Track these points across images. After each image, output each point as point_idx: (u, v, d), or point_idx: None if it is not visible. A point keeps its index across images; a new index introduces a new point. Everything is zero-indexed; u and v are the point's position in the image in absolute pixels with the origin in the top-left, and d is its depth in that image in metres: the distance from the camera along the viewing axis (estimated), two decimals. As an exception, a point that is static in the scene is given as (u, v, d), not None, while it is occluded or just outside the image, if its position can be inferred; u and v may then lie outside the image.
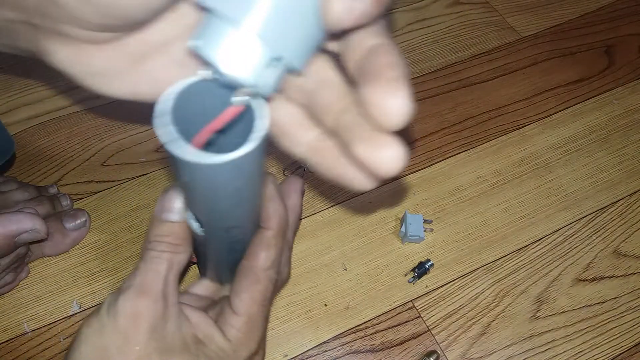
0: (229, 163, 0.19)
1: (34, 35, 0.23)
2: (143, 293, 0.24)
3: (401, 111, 0.17)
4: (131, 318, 0.24)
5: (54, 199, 0.46)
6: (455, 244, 0.46)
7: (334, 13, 0.16)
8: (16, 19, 0.22)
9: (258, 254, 0.28)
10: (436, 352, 0.41)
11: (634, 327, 0.42)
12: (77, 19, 0.20)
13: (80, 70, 0.23)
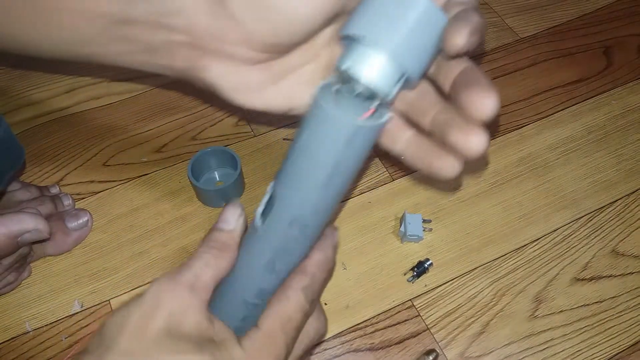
0: (369, 128, 0.23)
1: (193, 56, 0.29)
2: (172, 280, 0.25)
3: (492, 106, 0.23)
4: (154, 299, 0.25)
5: (56, 199, 0.46)
6: (454, 244, 0.46)
7: (456, 44, 0.22)
8: (183, 41, 0.28)
9: (295, 275, 0.28)
10: (435, 351, 0.41)
11: (632, 326, 0.43)
12: (251, 40, 0.26)
13: (228, 86, 0.29)
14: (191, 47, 0.28)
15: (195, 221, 0.47)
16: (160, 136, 0.53)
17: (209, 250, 0.27)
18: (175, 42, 0.28)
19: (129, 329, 0.24)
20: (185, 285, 0.25)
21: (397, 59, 0.22)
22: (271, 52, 0.28)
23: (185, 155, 0.52)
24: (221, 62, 0.29)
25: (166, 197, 0.49)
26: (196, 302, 0.25)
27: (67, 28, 0.30)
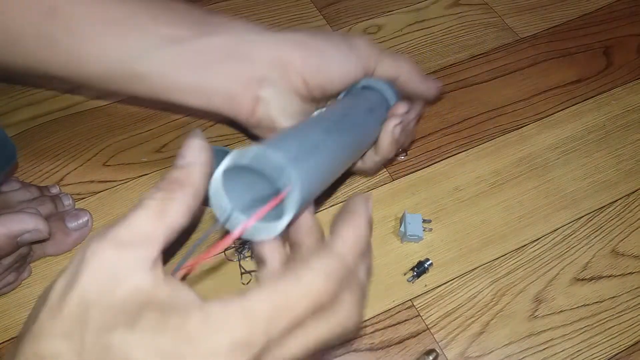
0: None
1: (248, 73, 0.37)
2: (100, 239, 0.20)
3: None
4: (76, 265, 0.20)
5: (56, 199, 0.46)
6: (454, 244, 0.46)
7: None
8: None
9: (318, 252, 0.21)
10: (435, 351, 0.41)
11: (632, 326, 0.43)
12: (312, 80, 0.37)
13: (277, 106, 0.37)
14: (259, 63, 0.36)
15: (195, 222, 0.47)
16: (160, 136, 0.53)
17: (153, 194, 0.21)
18: (247, 56, 0.36)
19: (49, 303, 0.20)
20: (114, 242, 0.20)
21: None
22: (314, 93, 0.38)
23: (185, 155, 0.52)
24: (279, 84, 0.36)
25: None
26: (132, 260, 0.20)
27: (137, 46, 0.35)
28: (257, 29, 0.37)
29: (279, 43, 0.36)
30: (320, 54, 0.36)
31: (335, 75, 0.37)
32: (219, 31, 0.36)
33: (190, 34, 0.35)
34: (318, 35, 0.38)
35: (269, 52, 0.36)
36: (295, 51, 0.36)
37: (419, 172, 0.51)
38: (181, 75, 0.36)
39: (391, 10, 0.64)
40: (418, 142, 0.53)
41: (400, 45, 0.61)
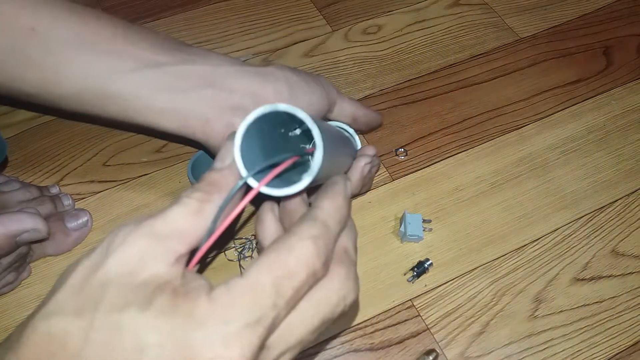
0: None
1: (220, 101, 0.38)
2: (135, 226, 0.21)
3: None
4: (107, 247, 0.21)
5: (55, 199, 0.46)
6: (454, 244, 0.46)
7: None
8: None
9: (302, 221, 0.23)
10: (435, 351, 0.41)
11: (632, 326, 0.43)
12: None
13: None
14: (230, 92, 0.38)
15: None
16: (160, 136, 0.53)
17: (192, 192, 0.23)
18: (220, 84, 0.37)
19: (71, 282, 0.21)
20: (148, 232, 0.21)
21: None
22: None
23: (185, 155, 0.52)
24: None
25: (166, 197, 0.49)
26: (160, 251, 0.21)
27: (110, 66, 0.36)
28: (233, 61, 0.39)
29: (252, 76, 0.38)
30: (289, 86, 0.39)
31: (304, 105, 0.39)
32: (198, 60, 0.38)
33: (169, 60, 0.37)
34: (287, 69, 0.40)
35: (243, 83, 0.38)
36: (267, 83, 0.38)
37: (419, 172, 0.51)
38: (157, 98, 0.37)
39: (391, 10, 0.64)
40: (418, 142, 0.53)
41: (400, 45, 0.61)
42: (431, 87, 0.57)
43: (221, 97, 0.37)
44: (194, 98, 0.37)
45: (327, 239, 0.23)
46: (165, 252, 0.21)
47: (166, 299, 0.20)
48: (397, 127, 0.54)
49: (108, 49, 0.36)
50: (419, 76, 0.58)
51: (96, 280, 0.20)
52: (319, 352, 0.41)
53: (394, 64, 0.59)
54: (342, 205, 0.25)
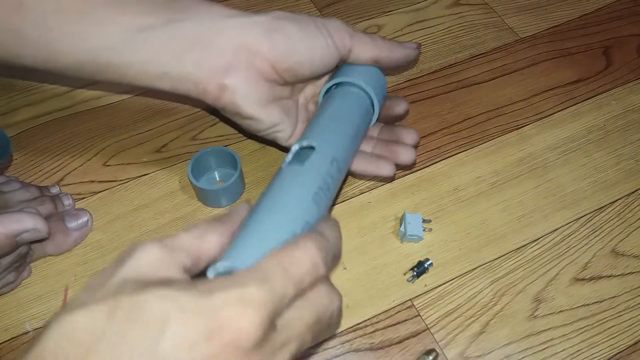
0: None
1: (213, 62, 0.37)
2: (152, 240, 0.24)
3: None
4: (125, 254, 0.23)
5: (56, 199, 0.46)
6: (454, 243, 0.46)
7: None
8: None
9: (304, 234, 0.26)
10: (435, 351, 0.41)
11: (632, 326, 0.43)
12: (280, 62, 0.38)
13: (243, 93, 0.37)
14: (224, 50, 0.36)
15: (195, 221, 0.47)
16: (160, 136, 0.53)
17: (202, 223, 0.26)
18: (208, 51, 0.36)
19: (90, 284, 0.22)
20: (162, 244, 0.23)
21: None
22: (288, 76, 0.38)
23: (185, 155, 0.52)
24: (246, 71, 0.37)
25: (166, 197, 0.49)
26: (169, 260, 0.23)
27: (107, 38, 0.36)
28: (223, 14, 0.37)
29: (245, 29, 0.36)
30: (287, 37, 0.36)
31: (305, 58, 0.37)
32: (185, 17, 0.36)
33: (156, 22, 0.36)
34: (286, 17, 0.37)
35: (234, 39, 0.36)
36: (261, 36, 0.36)
37: (419, 172, 0.51)
38: (149, 64, 0.37)
39: (391, 10, 0.64)
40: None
41: (400, 45, 0.61)
42: (431, 87, 0.57)
43: (211, 59, 0.36)
44: (183, 62, 0.36)
45: (327, 246, 0.26)
46: (175, 261, 0.23)
47: (184, 281, 0.22)
48: (397, 127, 0.54)
49: (95, 19, 0.35)
50: (419, 76, 0.58)
51: (115, 279, 0.22)
52: (319, 352, 0.41)
53: (394, 64, 0.59)
54: (333, 224, 0.29)
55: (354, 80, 0.39)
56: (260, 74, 0.37)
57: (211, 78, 0.37)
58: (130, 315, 0.20)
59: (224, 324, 0.20)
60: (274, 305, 0.22)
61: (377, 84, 0.41)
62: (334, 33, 0.38)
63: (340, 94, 0.39)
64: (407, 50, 0.42)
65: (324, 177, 0.31)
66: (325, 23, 0.38)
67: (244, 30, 0.36)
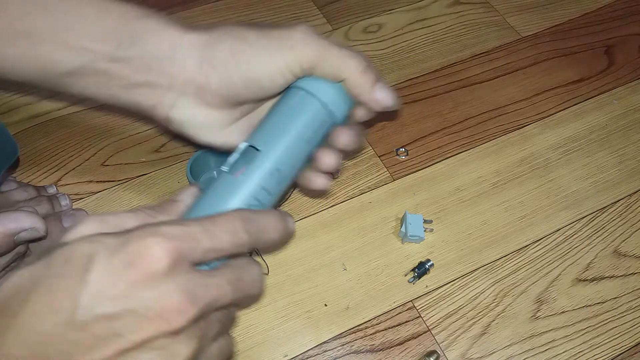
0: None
1: (166, 95, 0.34)
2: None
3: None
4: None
5: (53, 199, 0.46)
6: (455, 244, 0.46)
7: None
8: (163, 83, 0.34)
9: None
10: (436, 352, 0.41)
11: (634, 327, 0.42)
12: (226, 91, 0.33)
13: (192, 124, 0.35)
14: (168, 88, 0.34)
15: (194, 221, 0.47)
16: (159, 136, 0.53)
17: (146, 208, 0.28)
18: (156, 82, 0.34)
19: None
20: (100, 218, 0.26)
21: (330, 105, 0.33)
22: (236, 102, 0.34)
23: (184, 155, 0.51)
24: (192, 103, 0.34)
25: (165, 197, 0.49)
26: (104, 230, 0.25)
27: (49, 59, 0.34)
28: (177, 42, 0.33)
29: (195, 49, 0.33)
30: (234, 54, 0.32)
31: (260, 85, 0.33)
32: (141, 44, 0.34)
33: (107, 49, 0.34)
34: (238, 33, 0.33)
35: (184, 74, 0.33)
36: (211, 72, 0.33)
37: (420, 172, 0.50)
38: (101, 94, 0.36)
39: (392, 8, 0.63)
40: (419, 142, 0.52)
41: (401, 44, 0.60)
42: (432, 87, 0.56)
43: (157, 95, 0.35)
44: (131, 94, 0.35)
45: (253, 222, 0.26)
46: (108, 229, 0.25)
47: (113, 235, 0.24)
48: (397, 126, 0.53)
49: (49, 42, 0.34)
50: (419, 75, 0.58)
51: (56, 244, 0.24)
52: (319, 353, 0.41)
53: (395, 63, 0.59)
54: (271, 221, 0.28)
55: (315, 92, 0.33)
56: (210, 105, 0.34)
57: (158, 111, 0.35)
58: (62, 259, 0.23)
59: (140, 252, 0.22)
60: (186, 243, 0.23)
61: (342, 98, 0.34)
62: (297, 45, 0.32)
63: (300, 97, 0.33)
64: (380, 93, 0.33)
65: (259, 191, 0.30)
66: (288, 33, 0.32)
67: (193, 54, 0.33)
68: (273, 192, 0.31)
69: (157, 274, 0.22)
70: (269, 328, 0.42)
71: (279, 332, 0.42)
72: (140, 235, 0.23)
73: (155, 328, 0.22)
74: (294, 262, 0.45)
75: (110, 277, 0.22)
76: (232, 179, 0.30)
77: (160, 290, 0.22)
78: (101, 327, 0.22)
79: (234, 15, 0.63)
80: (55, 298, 0.22)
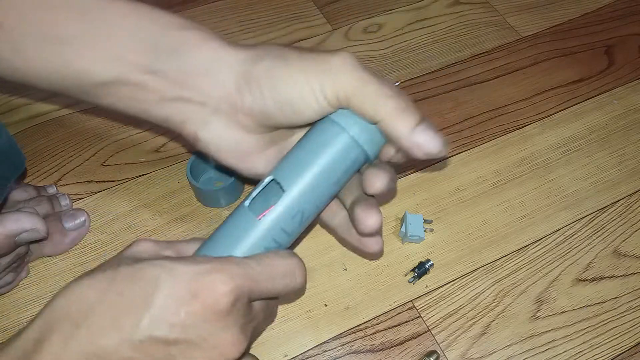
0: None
1: (197, 112, 0.32)
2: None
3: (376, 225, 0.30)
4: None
5: (53, 199, 0.46)
6: (455, 244, 0.46)
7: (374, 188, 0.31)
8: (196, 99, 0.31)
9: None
10: (436, 352, 0.41)
11: (634, 327, 0.42)
12: (261, 115, 0.31)
13: (219, 147, 0.33)
14: (202, 104, 0.32)
15: (194, 221, 0.47)
16: (159, 136, 0.53)
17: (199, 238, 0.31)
18: (189, 97, 0.32)
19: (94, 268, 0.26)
20: (153, 240, 0.29)
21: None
22: (270, 128, 0.32)
23: (184, 155, 0.51)
24: (223, 123, 0.32)
25: (165, 198, 0.49)
26: (160, 250, 0.28)
27: (81, 68, 0.32)
28: (216, 57, 0.31)
29: (233, 77, 0.31)
30: (274, 87, 0.30)
31: (293, 108, 0.30)
32: (178, 57, 0.32)
33: (147, 61, 0.32)
34: (285, 59, 0.30)
35: (219, 91, 0.31)
36: (246, 90, 0.31)
37: (420, 172, 0.50)
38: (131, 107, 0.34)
39: (392, 8, 0.63)
40: (419, 142, 0.52)
41: (401, 44, 0.60)
42: (432, 87, 0.56)
43: (191, 107, 0.32)
44: (166, 109, 0.33)
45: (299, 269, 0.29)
46: (163, 251, 0.28)
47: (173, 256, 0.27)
48: (397, 126, 0.53)
49: (83, 50, 0.32)
50: (419, 75, 0.58)
51: (114, 259, 0.26)
52: (319, 353, 0.41)
53: (395, 63, 0.59)
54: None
55: (349, 127, 0.30)
56: (237, 124, 0.32)
57: (187, 128, 0.33)
58: (128, 278, 0.24)
59: (206, 287, 0.24)
60: (248, 284, 0.25)
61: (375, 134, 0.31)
62: (328, 78, 0.29)
63: (331, 131, 0.30)
64: (426, 138, 0.30)
65: (279, 233, 0.29)
66: (322, 60, 0.29)
67: (231, 80, 0.31)
68: (293, 234, 0.30)
69: (218, 310, 0.24)
70: (269, 328, 0.42)
71: (279, 332, 0.42)
72: (207, 270, 0.25)
73: (208, 358, 0.24)
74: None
75: (173, 304, 0.24)
76: (254, 220, 0.29)
77: (218, 326, 0.24)
78: (157, 349, 0.23)
79: (234, 15, 0.63)
80: (119, 315, 0.23)
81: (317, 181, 0.29)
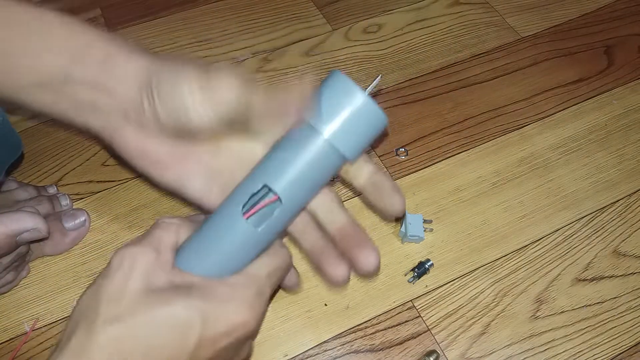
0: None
1: (114, 119, 0.32)
2: (138, 244, 0.28)
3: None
4: (125, 262, 0.27)
5: (53, 199, 0.46)
6: (455, 244, 0.46)
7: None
8: (112, 105, 0.32)
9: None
10: (436, 352, 0.41)
11: (633, 327, 0.42)
12: (162, 122, 0.30)
13: (135, 153, 0.33)
14: (115, 111, 0.32)
15: (194, 221, 0.47)
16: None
17: (175, 220, 0.30)
18: (103, 104, 0.32)
19: (106, 296, 0.26)
20: (148, 249, 0.28)
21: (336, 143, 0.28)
22: (176, 136, 0.32)
23: (185, 155, 0.51)
24: (132, 130, 0.32)
25: (165, 197, 0.49)
26: (163, 261, 0.28)
27: (8, 71, 0.33)
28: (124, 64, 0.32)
29: (136, 84, 0.31)
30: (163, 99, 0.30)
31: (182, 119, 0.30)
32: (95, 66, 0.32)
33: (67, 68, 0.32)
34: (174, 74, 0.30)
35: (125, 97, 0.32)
36: (145, 99, 0.31)
37: (420, 172, 0.50)
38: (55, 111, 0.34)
39: (392, 9, 0.64)
40: (419, 142, 0.52)
41: (401, 45, 0.60)
42: (432, 87, 0.57)
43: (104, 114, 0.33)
44: (84, 114, 0.33)
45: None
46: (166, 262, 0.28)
47: (195, 291, 0.27)
48: (397, 126, 0.54)
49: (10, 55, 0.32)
50: (419, 75, 0.58)
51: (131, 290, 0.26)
52: (319, 353, 0.41)
53: (395, 63, 0.59)
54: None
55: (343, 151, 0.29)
56: (147, 130, 0.32)
57: (104, 132, 0.33)
58: (162, 324, 0.25)
59: (237, 324, 0.27)
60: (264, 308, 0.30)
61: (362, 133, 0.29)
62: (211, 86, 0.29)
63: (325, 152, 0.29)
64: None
65: (273, 236, 0.31)
66: (206, 80, 0.29)
67: (130, 84, 0.32)
68: (280, 232, 0.32)
69: (247, 339, 0.29)
70: (269, 328, 0.42)
71: (279, 332, 0.42)
72: (235, 309, 0.28)
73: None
74: (294, 262, 0.45)
75: (211, 343, 0.27)
76: (252, 232, 0.29)
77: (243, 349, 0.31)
78: None
79: (234, 16, 0.63)
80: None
81: (312, 194, 0.31)
